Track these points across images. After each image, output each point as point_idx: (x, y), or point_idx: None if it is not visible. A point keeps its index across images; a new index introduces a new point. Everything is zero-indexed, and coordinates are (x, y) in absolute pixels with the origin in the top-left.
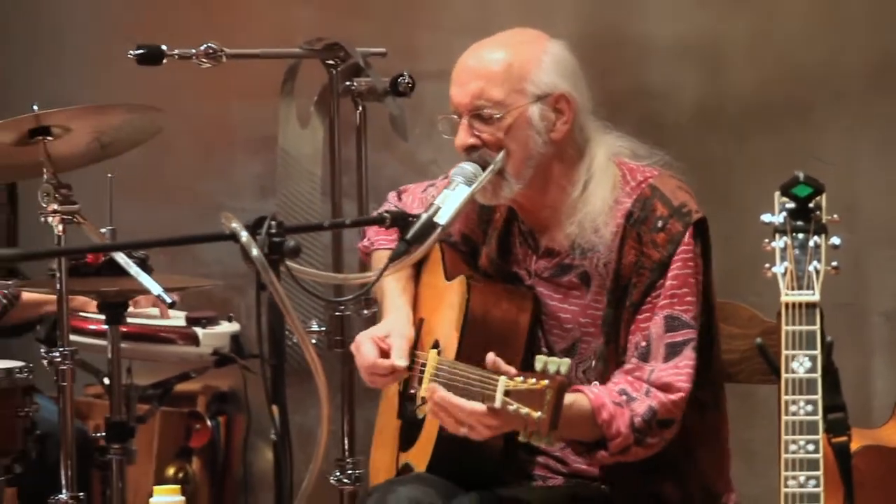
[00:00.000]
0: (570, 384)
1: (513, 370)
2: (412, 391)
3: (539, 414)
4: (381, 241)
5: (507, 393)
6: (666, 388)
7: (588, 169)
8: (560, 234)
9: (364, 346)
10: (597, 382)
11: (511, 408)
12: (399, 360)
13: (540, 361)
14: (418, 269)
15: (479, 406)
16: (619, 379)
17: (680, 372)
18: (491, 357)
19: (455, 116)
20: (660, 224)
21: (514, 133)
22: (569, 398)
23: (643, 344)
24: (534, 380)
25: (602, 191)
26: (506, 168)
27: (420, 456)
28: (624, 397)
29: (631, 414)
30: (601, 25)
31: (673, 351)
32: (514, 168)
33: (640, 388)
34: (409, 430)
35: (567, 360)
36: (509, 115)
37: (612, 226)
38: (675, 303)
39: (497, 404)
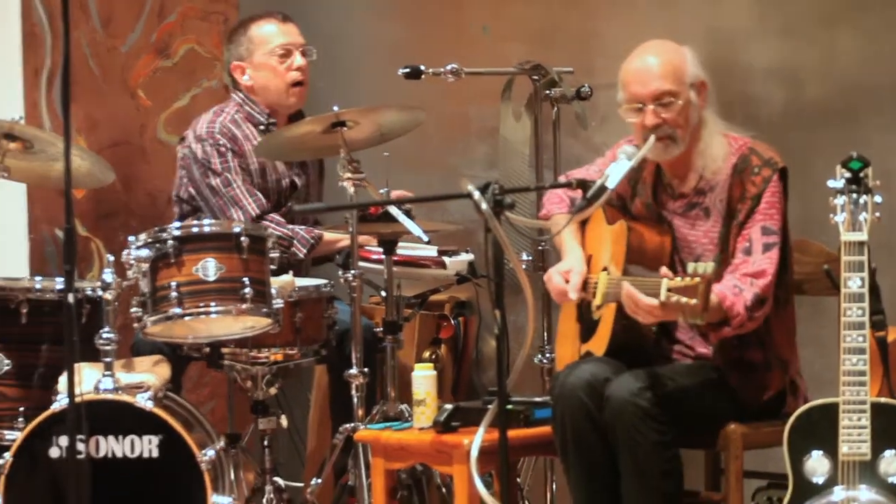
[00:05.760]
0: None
1: (671, 273)
2: (588, 302)
3: (694, 301)
4: (555, 208)
5: (669, 289)
6: (760, 274)
7: (705, 131)
8: (688, 180)
9: (554, 278)
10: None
11: (673, 299)
12: (573, 293)
13: (690, 267)
14: (583, 222)
15: (650, 300)
16: (729, 278)
17: (771, 261)
18: (663, 270)
19: (639, 105)
20: (756, 170)
21: (684, 111)
22: None
23: (747, 244)
24: (689, 278)
25: (714, 150)
26: (676, 134)
27: (598, 345)
28: (737, 289)
29: (744, 299)
30: (718, 55)
31: (766, 247)
32: (682, 134)
33: (746, 282)
34: (587, 329)
35: (712, 263)
36: (680, 100)
37: (723, 174)
38: (767, 217)
39: (662, 297)
